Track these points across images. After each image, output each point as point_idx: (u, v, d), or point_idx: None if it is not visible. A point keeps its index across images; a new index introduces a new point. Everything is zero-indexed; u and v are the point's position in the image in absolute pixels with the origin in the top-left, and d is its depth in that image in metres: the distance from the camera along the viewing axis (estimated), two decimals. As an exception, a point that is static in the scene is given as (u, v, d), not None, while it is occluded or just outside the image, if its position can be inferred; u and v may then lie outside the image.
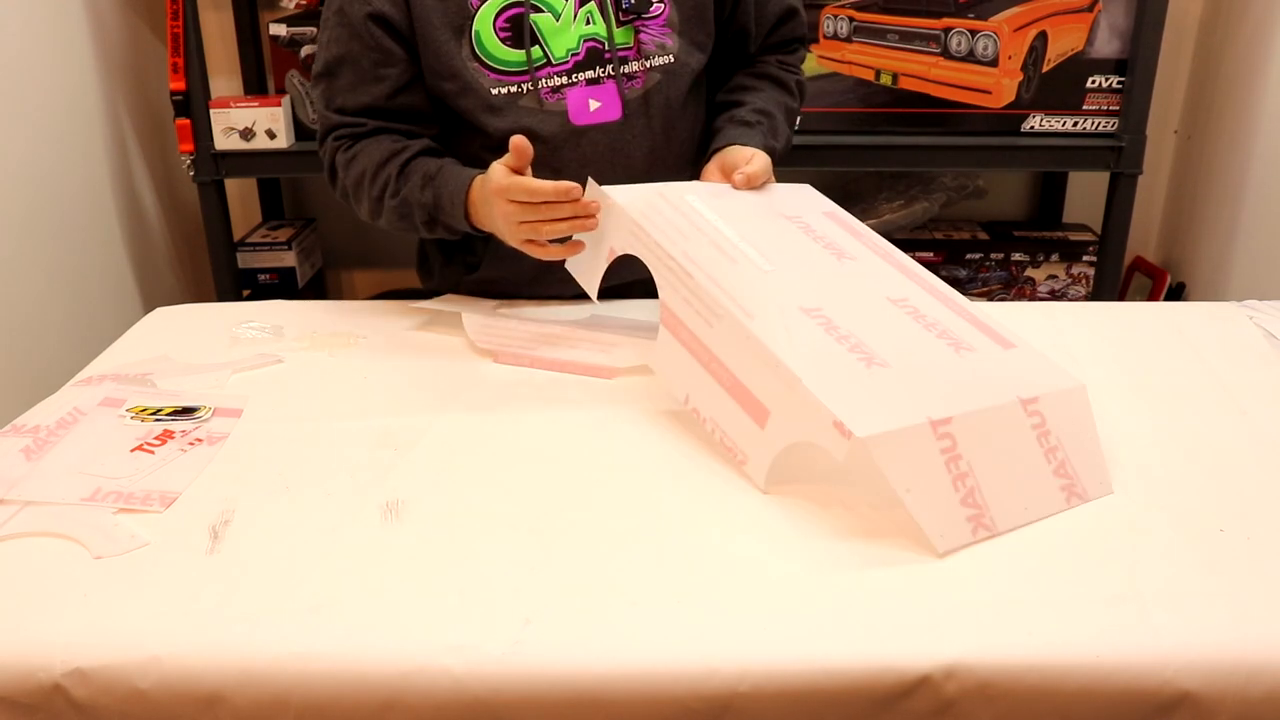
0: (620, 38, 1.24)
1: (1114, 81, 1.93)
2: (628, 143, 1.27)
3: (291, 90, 1.98)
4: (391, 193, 1.23)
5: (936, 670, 0.73)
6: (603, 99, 1.25)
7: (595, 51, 1.24)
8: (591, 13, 1.23)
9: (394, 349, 1.24)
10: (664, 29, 1.26)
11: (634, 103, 1.26)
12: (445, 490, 0.94)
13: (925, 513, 0.84)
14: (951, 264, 2.17)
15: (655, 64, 1.26)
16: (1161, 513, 0.90)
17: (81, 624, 0.78)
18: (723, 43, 1.33)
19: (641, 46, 1.25)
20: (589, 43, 1.24)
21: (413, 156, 1.24)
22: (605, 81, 1.25)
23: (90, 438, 1.02)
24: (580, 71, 1.24)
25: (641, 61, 1.25)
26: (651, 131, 1.28)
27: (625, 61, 1.25)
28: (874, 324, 0.99)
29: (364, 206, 1.28)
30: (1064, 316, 1.32)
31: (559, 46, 1.23)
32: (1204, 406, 1.08)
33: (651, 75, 1.26)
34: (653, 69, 1.26)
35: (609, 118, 1.26)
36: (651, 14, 1.25)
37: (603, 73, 1.25)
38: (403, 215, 1.24)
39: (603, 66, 1.25)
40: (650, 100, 1.27)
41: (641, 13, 1.24)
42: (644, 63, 1.26)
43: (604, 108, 1.25)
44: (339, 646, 0.75)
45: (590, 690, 0.73)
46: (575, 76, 1.24)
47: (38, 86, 1.76)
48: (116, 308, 1.97)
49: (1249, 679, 0.73)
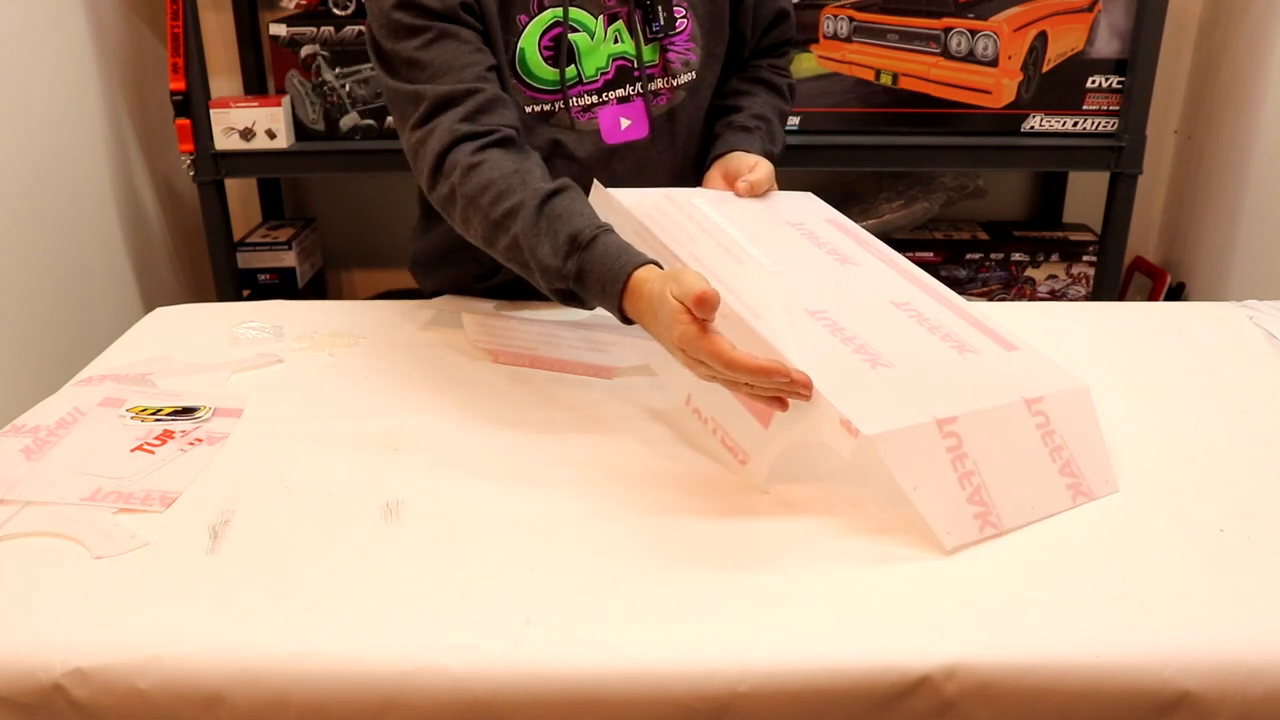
0: (647, 55, 1.24)
1: (1114, 81, 1.93)
2: (654, 160, 1.27)
3: (291, 90, 1.98)
4: (523, 230, 1.03)
5: (937, 670, 0.73)
6: (632, 117, 1.25)
7: (624, 70, 1.24)
8: (620, 31, 1.23)
9: (394, 349, 1.24)
10: (688, 43, 1.26)
11: (659, 120, 1.27)
12: (445, 490, 0.94)
13: (932, 510, 0.85)
14: (951, 264, 2.17)
15: (680, 82, 1.26)
16: (1162, 513, 0.90)
17: (81, 624, 0.78)
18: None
19: (668, 65, 1.25)
20: (618, 61, 1.24)
21: (553, 192, 1.04)
22: (634, 100, 1.25)
23: (90, 438, 1.02)
24: (610, 90, 1.24)
25: (667, 80, 1.26)
26: (675, 148, 1.29)
27: (651, 79, 1.25)
28: (878, 326, 0.99)
29: (474, 226, 1.08)
30: (1064, 316, 1.32)
31: (590, 66, 1.23)
32: (1204, 406, 1.08)
33: (676, 93, 1.27)
34: (678, 87, 1.26)
35: (638, 135, 1.26)
36: (677, 30, 1.25)
37: (632, 91, 1.24)
38: (521, 264, 1.05)
39: (632, 85, 1.24)
40: (675, 118, 1.27)
41: (669, 32, 1.24)
42: (669, 80, 1.26)
43: (633, 126, 1.25)
44: (339, 646, 0.75)
45: (590, 690, 0.73)
46: (605, 95, 1.24)
47: (38, 86, 1.76)
48: (116, 308, 1.97)
49: (1249, 679, 0.73)
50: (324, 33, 1.94)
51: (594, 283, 0.99)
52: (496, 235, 1.05)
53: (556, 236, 1.01)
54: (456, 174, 1.07)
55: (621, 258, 0.98)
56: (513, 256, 1.05)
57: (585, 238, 1.00)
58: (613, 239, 1.00)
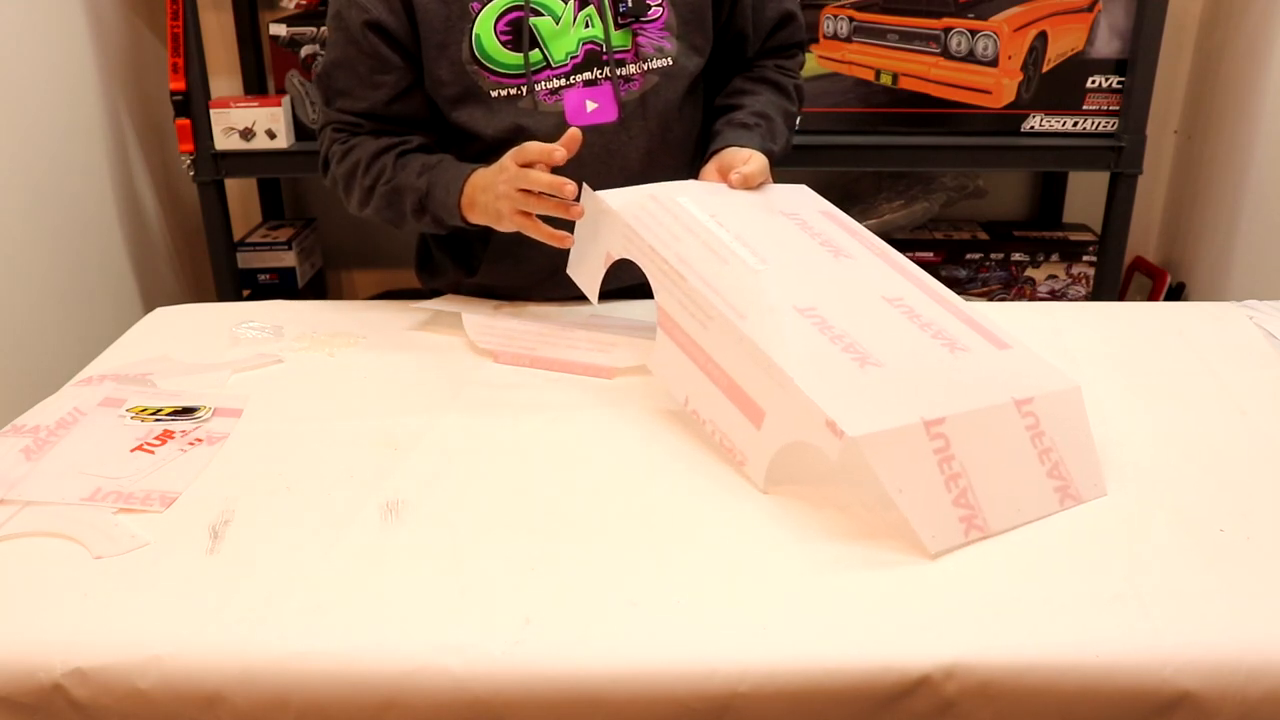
0: (618, 40, 1.24)
1: (1114, 81, 1.93)
2: (624, 144, 1.28)
3: (291, 90, 1.98)
4: (386, 179, 1.24)
5: (937, 670, 0.73)
6: (599, 100, 1.25)
7: (594, 54, 1.24)
8: (591, 16, 1.24)
9: (394, 349, 1.24)
10: (662, 32, 1.26)
11: (631, 105, 1.26)
12: (445, 490, 0.94)
13: (917, 513, 0.84)
14: (951, 264, 2.17)
15: (653, 67, 1.26)
16: (1161, 512, 0.90)
17: (81, 624, 0.78)
18: (721, 47, 1.33)
19: (639, 49, 1.25)
20: (588, 45, 1.24)
21: (412, 149, 1.26)
22: (602, 83, 1.25)
23: (90, 438, 1.02)
24: (578, 74, 1.24)
25: (639, 64, 1.26)
26: (648, 133, 1.28)
27: (622, 64, 1.25)
28: (869, 323, 0.98)
29: (354, 196, 1.29)
30: (1064, 316, 1.32)
31: (558, 50, 1.23)
32: (1204, 406, 1.08)
33: (649, 78, 1.27)
34: (650, 71, 1.26)
35: (605, 119, 1.26)
36: (649, 17, 1.25)
37: (600, 75, 1.25)
38: (392, 202, 1.24)
39: (600, 69, 1.25)
40: (647, 103, 1.27)
41: (640, 16, 1.24)
42: (641, 65, 1.26)
43: (600, 109, 1.25)
44: (339, 646, 0.75)
45: (590, 690, 0.73)
46: (573, 79, 1.24)
47: (38, 86, 1.76)
48: (116, 308, 1.97)
49: (1249, 679, 0.73)
50: (324, 32, 1.93)
51: (440, 190, 1.20)
52: (372, 194, 1.26)
53: (412, 166, 1.23)
54: (334, 162, 1.29)
55: (461, 167, 1.21)
56: (392, 199, 1.24)
57: (432, 161, 1.23)
58: (455, 162, 1.23)
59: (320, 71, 1.29)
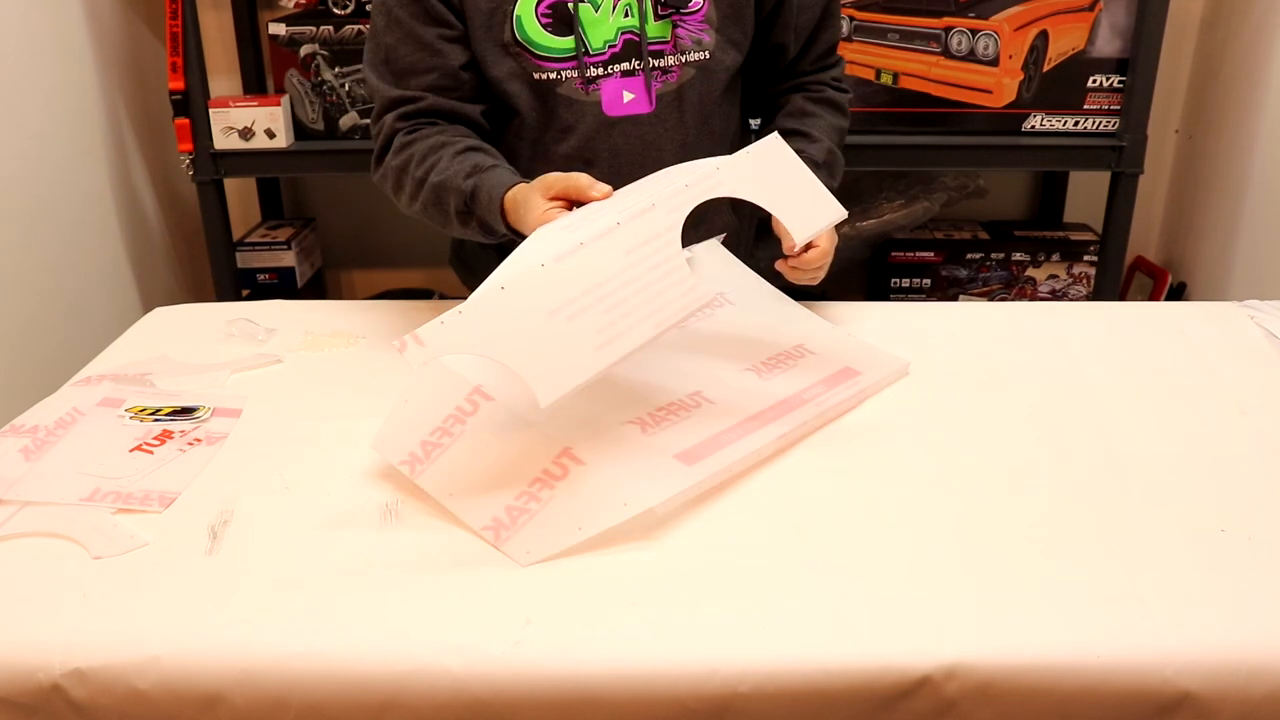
0: (656, 31, 1.24)
1: (1115, 81, 1.93)
2: (659, 136, 1.28)
3: (291, 90, 1.98)
4: (437, 173, 1.20)
5: (937, 670, 0.73)
6: (636, 91, 1.26)
7: (631, 44, 1.25)
8: (630, 6, 1.24)
9: (394, 349, 1.23)
10: (702, 25, 1.26)
11: (667, 97, 1.27)
12: (445, 490, 0.94)
13: None
14: (952, 264, 2.17)
15: (691, 59, 1.26)
16: (1162, 512, 0.90)
17: (80, 624, 0.78)
18: (762, 52, 1.33)
19: (678, 41, 1.25)
20: (626, 35, 1.24)
21: (470, 148, 1.22)
22: (639, 74, 1.25)
23: (89, 438, 1.02)
24: (616, 63, 1.25)
25: (677, 56, 1.26)
26: (684, 127, 1.29)
27: (660, 55, 1.25)
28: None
29: (405, 191, 1.24)
30: (1065, 316, 1.32)
31: (596, 38, 1.24)
32: (1204, 406, 1.08)
33: (686, 70, 1.27)
34: (688, 64, 1.27)
35: (640, 110, 1.26)
36: (690, 9, 1.25)
37: (637, 65, 1.25)
38: (439, 200, 1.20)
39: (638, 59, 1.25)
40: (684, 96, 1.27)
41: (680, 7, 1.24)
42: (679, 58, 1.26)
43: (636, 100, 1.26)
44: (339, 646, 0.75)
45: (590, 690, 0.73)
46: (610, 68, 1.25)
47: (38, 86, 1.76)
48: (116, 308, 1.97)
49: (1249, 679, 0.73)
50: (323, 32, 1.94)
51: (484, 194, 1.15)
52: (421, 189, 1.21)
53: (464, 166, 1.18)
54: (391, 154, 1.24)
55: (508, 176, 1.16)
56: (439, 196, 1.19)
57: (485, 164, 1.18)
58: (508, 169, 1.19)
59: (376, 60, 1.25)
